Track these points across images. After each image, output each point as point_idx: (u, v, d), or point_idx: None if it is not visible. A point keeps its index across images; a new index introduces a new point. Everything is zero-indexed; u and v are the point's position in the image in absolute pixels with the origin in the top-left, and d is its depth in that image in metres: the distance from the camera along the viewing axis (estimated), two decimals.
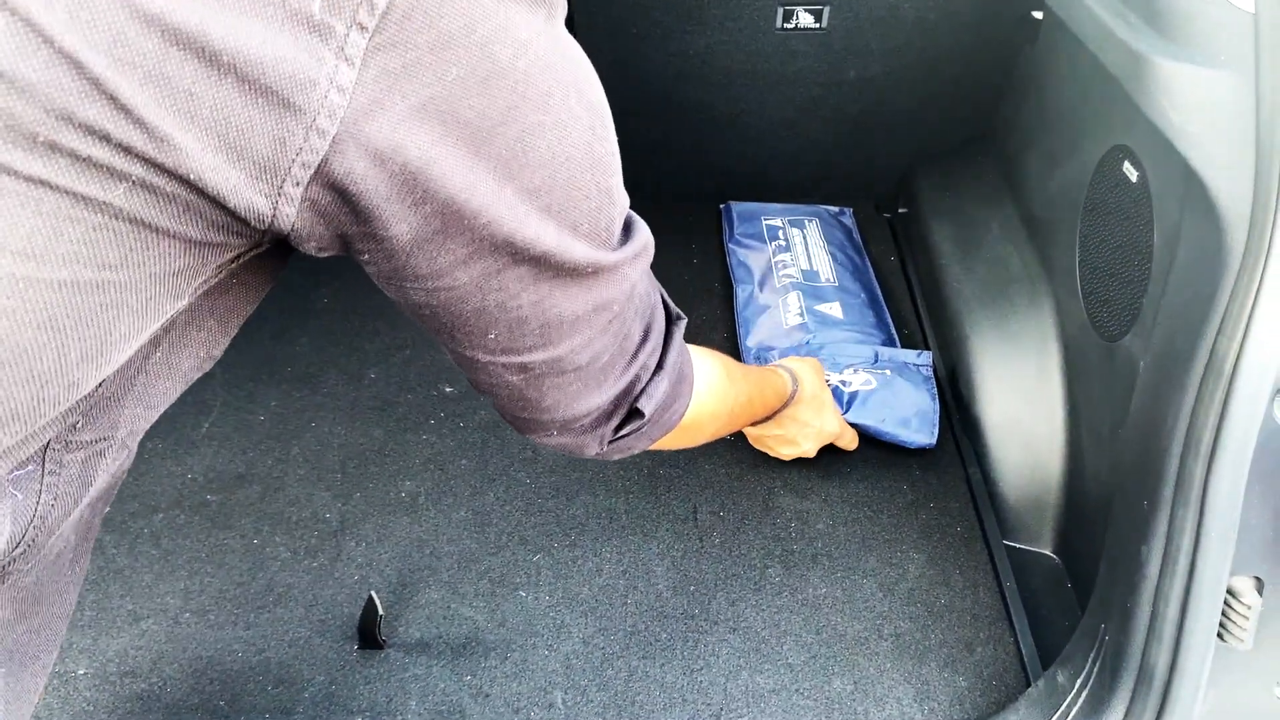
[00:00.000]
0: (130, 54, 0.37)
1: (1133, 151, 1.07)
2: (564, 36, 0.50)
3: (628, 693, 1.05)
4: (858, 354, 1.38)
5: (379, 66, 0.41)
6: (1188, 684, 0.89)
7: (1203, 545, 0.84)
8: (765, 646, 1.09)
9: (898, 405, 1.32)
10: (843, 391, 1.32)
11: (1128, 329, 1.06)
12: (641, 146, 1.73)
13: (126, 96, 0.37)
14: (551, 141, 0.49)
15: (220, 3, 0.38)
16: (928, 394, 1.34)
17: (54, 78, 0.36)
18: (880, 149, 1.71)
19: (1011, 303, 1.36)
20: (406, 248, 0.48)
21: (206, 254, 0.44)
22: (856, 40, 1.57)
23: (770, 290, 1.53)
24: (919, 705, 1.04)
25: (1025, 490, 1.27)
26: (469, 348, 0.57)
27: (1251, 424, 0.80)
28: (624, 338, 0.64)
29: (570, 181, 0.51)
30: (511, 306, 0.54)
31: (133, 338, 0.44)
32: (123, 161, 0.39)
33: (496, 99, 0.46)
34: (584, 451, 0.70)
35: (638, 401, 0.68)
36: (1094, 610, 1.00)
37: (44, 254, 0.39)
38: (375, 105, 0.42)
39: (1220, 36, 0.80)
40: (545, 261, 0.52)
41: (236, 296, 0.51)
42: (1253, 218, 0.77)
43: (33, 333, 0.40)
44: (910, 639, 1.10)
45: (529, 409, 0.63)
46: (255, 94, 0.39)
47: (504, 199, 0.48)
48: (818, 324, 1.44)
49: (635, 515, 1.24)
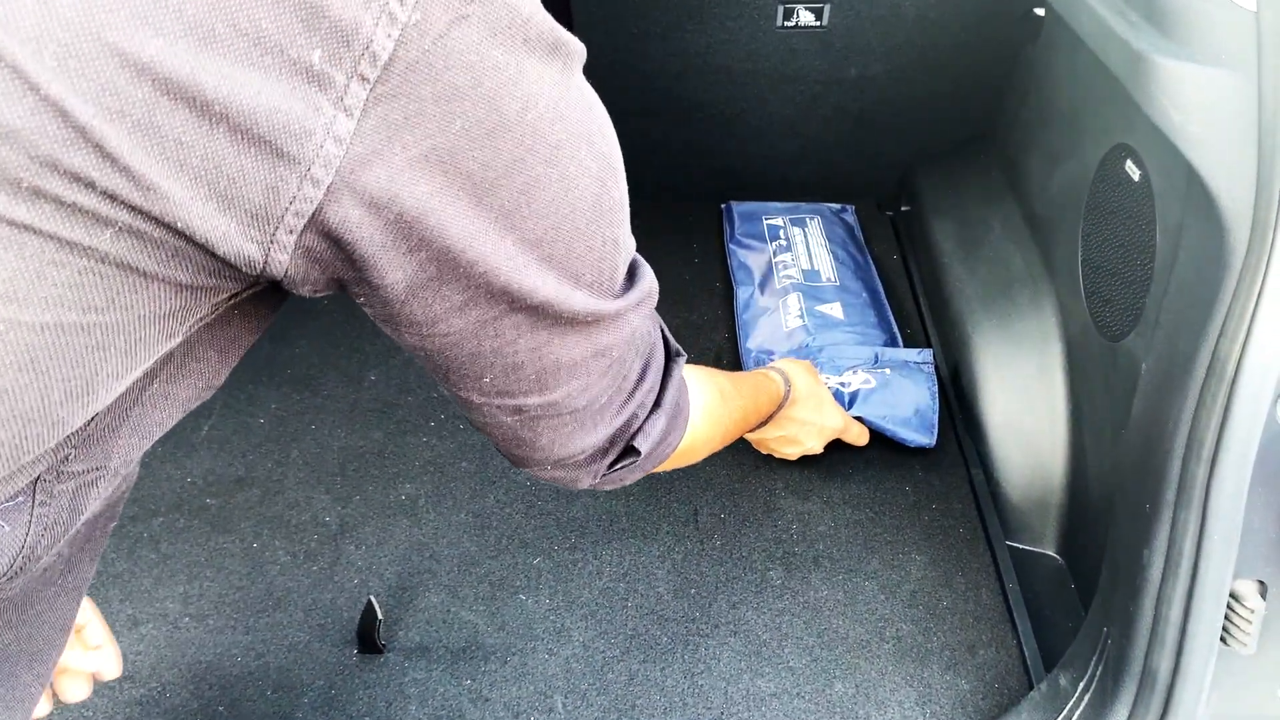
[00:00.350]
0: (119, 102, 0.37)
1: (1134, 151, 1.06)
2: (579, 86, 0.49)
3: (628, 696, 1.04)
4: (858, 355, 1.37)
5: (379, 117, 0.41)
6: (1191, 688, 0.88)
7: (1205, 548, 0.84)
8: (766, 650, 1.09)
9: (898, 403, 1.31)
10: (843, 393, 1.31)
11: (1130, 329, 1.05)
12: (642, 146, 1.72)
13: (113, 144, 0.37)
14: (557, 193, 0.48)
15: (215, 51, 0.37)
16: (927, 391, 1.33)
17: (39, 124, 0.36)
18: (882, 147, 1.71)
19: (1014, 302, 1.35)
20: (402, 295, 0.47)
21: (199, 295, 0.44)
22: (857, 38, 1.56)
23: (771, 292, 1.52)
24: (921, 709, 1.03)
25: (1028, 490, 1.26)
26: (464, 389, 0.56)
27: (1254, 426, 0.79)
28: (622, 378, 0.63)
29: (574, 232, 0.50)
30: (508, 352, 0.53)
31: (123, 376, 0.44)
32: (108, 208, 0.38)
33: (501, 152, 0.45)
34: (577, 485, 0.69)
35: (634, 440, 0.67)
36: (1096, 613, 0.99)
37: (26, 297, 0.38)
38: (373, 155, 0.41)
39: (1222, 35, 0.79)
40: (544, 310, 0.51)
41: (239, 328, 0.51)
42: (1255, 218, 0.76)
43: (14, 374, 0.39)
44: (912, 641, 1.09)
45: (523, 447, 0.62)
46: (248, 143, 0.39)
47: (503, 249, 0.47)
48: (818, 326, 1.44)
49: (635, 518, 1.24)
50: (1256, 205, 0.76)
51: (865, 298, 1.52)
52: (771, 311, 1.49)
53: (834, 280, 1.54)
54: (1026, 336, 1.31)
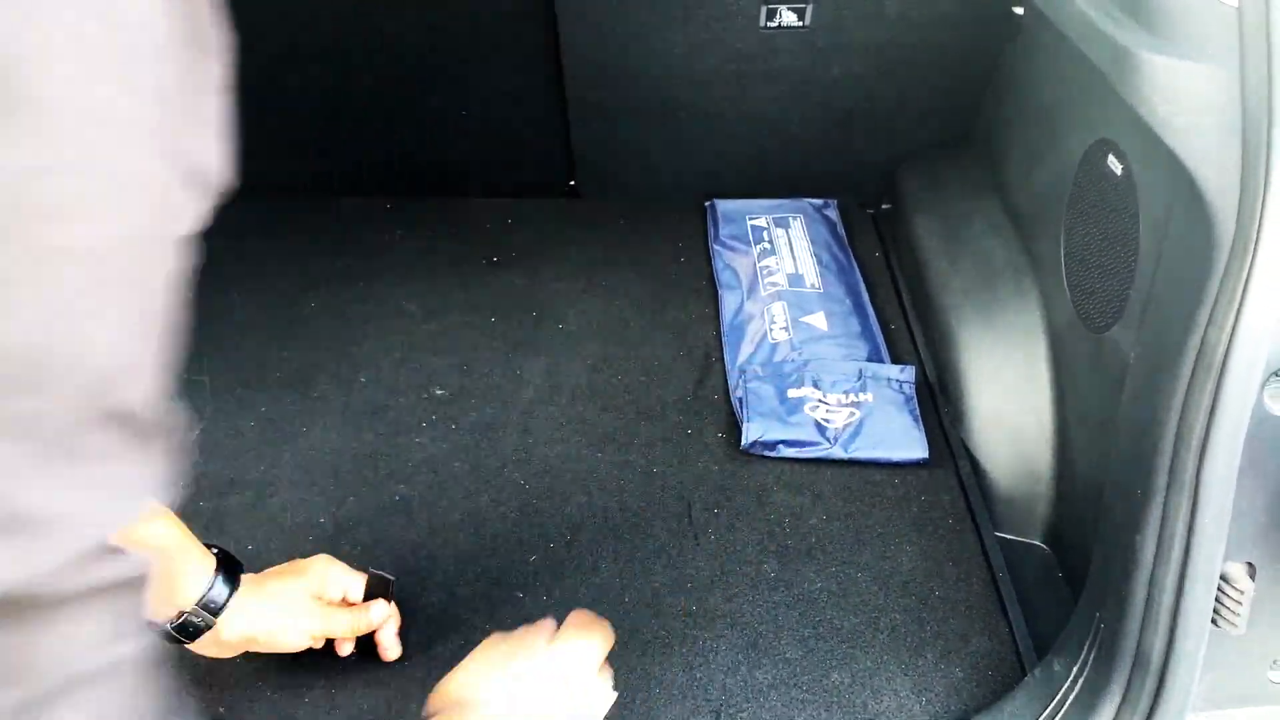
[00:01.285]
0: None
1: (1116, 145, 1.08)
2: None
3: (627, 690, 1.05)
4: (842, 372, 1.39)
5: None
6: (1183, 669, 0.91)
7: (1196, 532, 0.86)
8: (763, 641, 1.10)
9: (884, 435, 1.33)
10: (827, 429, 1.33)
11: (1114, 321, 1.07)
12: (626, 145, 1.74)
13: None
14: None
15: None
16: (910, 416, 1.35)
17: None
18: (864, 145, 1.72)
19: (997, 296, 1.37)
20: None
21: None
22: (840, 37, 1.58)
23: (756, 299, 1.54)
24: (916, 696, 1.05)
25: (1015, 481, 1.29)
26: None
27: (1243, 412, 0.81)
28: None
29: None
30: None
31: None
32: None
33: None
34: None
35: None
36: (1088, 599, 1.01)
37: None
38: None
39: (1205, 30, 0.81)
40: None
41: None
42: (1240, 209, 0.78)
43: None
44: (906, 631, 1.11)
45: None
46: None
47: None
48: (803, 340, 1.45)
49: (630, 514, 1.25)
50: (1242, 196, 0.78)
51: (849, 304, 1.54)
52: (756, 320, 1.50)
53: (818, 286, 1.55)
54: (1011, 330, 1.33)
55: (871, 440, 1.31)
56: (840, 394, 1.36)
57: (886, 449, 1.31)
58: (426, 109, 1.73)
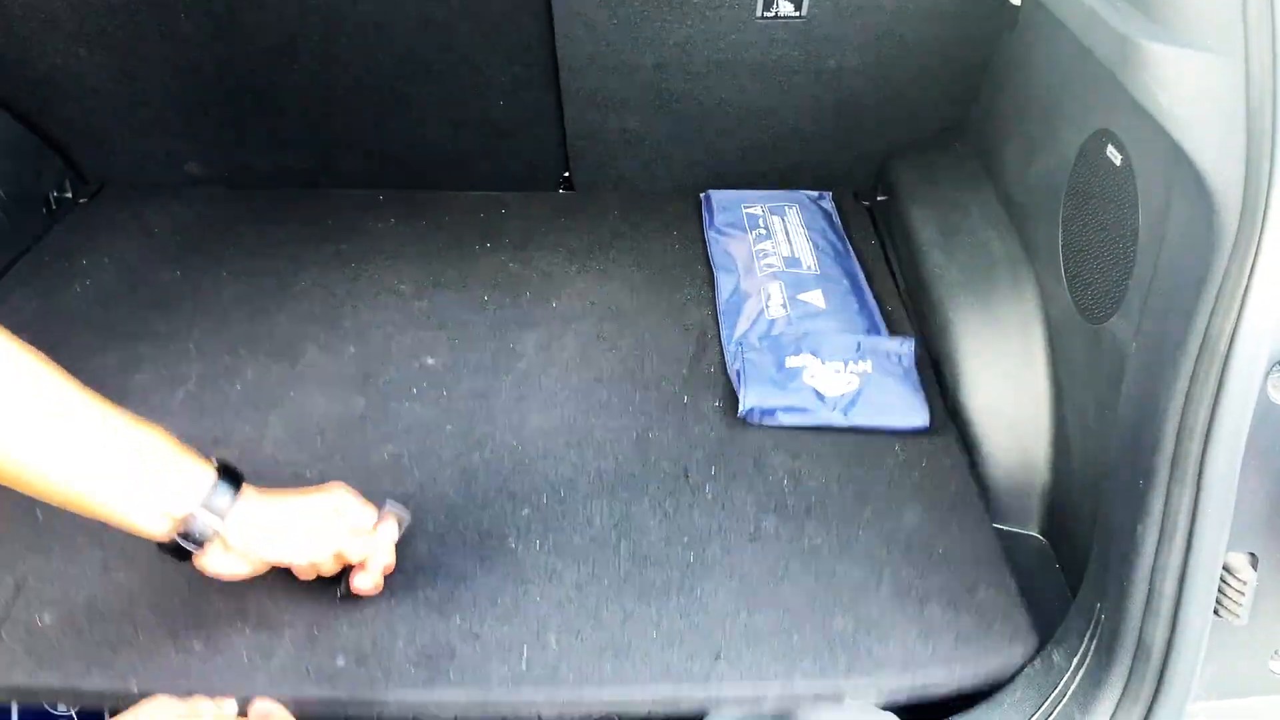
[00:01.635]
0: None
1: (1116, 135, 1.08)
2: None
3: (623, 634, 1.01)
4: (840, 344, 1.37)
5: None
6: (1185, 659, 0.89)
7: (1199, 523, 0.85)
8: (763, 589, 1.06)
9: (885, 402, 1.31)
10: (826, 396, 1.31)
11: (1113, 311, 1.06)
12: (622, 136, 1.74)
13: None
14: None
15: None
16: (910, 385, 1.33)
17: None
18: (860, 137, 1.73)
19: (994, 286, 1.36)
20: None
21: None
22: (836, 28, 1.59)
23: (752, 279, 1.53)
24: (923, 643, 1.01)
25: (1012, 473, 1.26)
26: None
27: (1246, 402, 0.81)
28: None
29: None
30: None
31: None
32: None
33: None
34: None
35: None
36: (1089, 589, 1.00)
37: None
38: None
39: (1208, 19, 0.80)
40: None
41: None
42: (1244, 199, 0.78)
43: None
44: (911, 583, 1.08)
45: None
46: None
47: None
48: (800, 315, 1.44)
49: (625, 474, 1.22)
50: (1246, 185, 0.78)
51: (846, 284, 1.53)
52: (753, 298, 1.49)
53: (814, 268, 1.55)
54: (1008, 320, 1.32)
55: (872, 407, 1.29)
56: (839, 362, 1.34)
57: (887, 416, 1.29)
58: (420, 102, 1.73)
